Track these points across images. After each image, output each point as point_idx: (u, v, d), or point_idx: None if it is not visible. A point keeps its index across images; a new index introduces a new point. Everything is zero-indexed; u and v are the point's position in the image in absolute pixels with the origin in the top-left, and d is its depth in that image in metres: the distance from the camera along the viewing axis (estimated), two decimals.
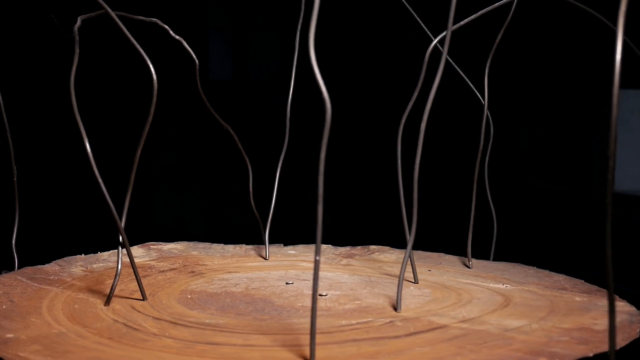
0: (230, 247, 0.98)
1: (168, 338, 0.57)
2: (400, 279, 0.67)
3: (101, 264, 0.84)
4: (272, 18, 1.91)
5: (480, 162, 0.84)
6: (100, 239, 1.03)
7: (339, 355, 0.54)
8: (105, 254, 0.90)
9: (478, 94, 0.81)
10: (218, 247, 0.98)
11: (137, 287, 0.69)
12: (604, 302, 0.71)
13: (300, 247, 0.99)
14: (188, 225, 2.06)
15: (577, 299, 0.73)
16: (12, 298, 0.68)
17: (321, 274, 0.82)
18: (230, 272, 0.83)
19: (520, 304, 0.70)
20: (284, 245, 1.00)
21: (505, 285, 0.78)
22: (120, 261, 0.68)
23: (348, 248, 0.98)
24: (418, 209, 0.68)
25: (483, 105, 0.80)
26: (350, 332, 0.60)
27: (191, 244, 0.98)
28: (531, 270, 0.86)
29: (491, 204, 0.88)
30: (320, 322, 0.62)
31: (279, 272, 0.84)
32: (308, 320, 0.58)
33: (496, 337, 0.58)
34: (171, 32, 0.76)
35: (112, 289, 0.66)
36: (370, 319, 0.63)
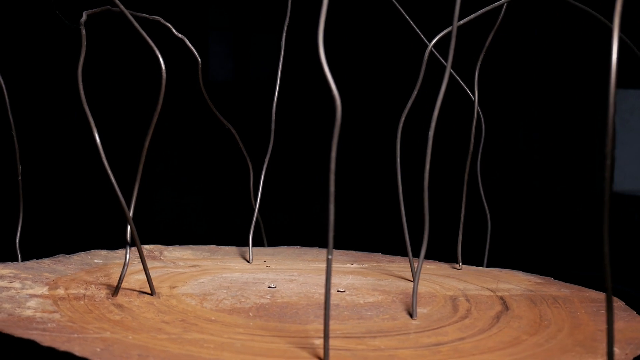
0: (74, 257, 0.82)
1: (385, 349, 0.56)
2: (415, 285, 0.66)
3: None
4: (272, 18, 1.91)
5: (472, 162, 0.85)
6: (100, 238, 1.03)
7: (509, 339, 0.59)
8: None
9: (469, 92, 0.81)
10: (48, 263, 0.78)
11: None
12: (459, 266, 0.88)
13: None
14: (189, 225, 2.06)
15: (431, 266, 0.88)
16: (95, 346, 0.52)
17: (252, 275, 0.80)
18: (173, 286, 0.72)
19: (456, 276, 0.83)
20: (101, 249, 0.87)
21: (355, 265, 0.88)
22: (128, 252, 0.68)
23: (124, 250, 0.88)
24: (416, 212, 0.68)
25: (473, 103, 0.80)
26: (473, 316, 0.66)
27: (22, 263, 0.77)
28: (314, 250, 0.96)
29: (485, 203, 0.88)
30: (435, 315, 0.66)
31: (205, 277, 0.77)
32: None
33: (563, 299, 0.73)
34: (174, 30, 0.76)
35: (120, 279, 0.66)
36: (438, 303, 0.69)
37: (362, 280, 0.79)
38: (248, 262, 0.87)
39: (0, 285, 0.67)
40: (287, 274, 0.81)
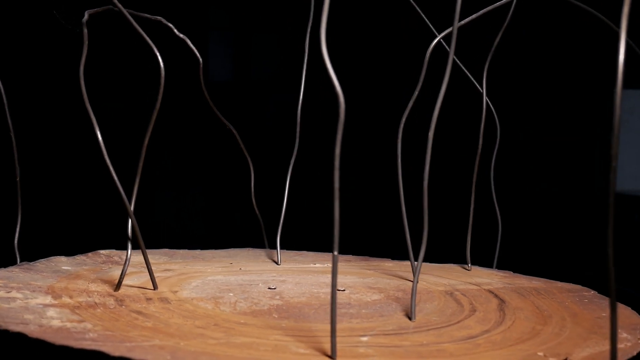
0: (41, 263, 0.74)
1: (444, 343, 0.56)
2: (414, 288, 0.65)
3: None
4: (272, 18, 1.91)
5: (486, 164, 0.84)
6: (99, 238, 1.03)
7: (528, 330, 0.63)
8: None
9: (478, 86, 0.81)
10: (18, 271, 0.71)
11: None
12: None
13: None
14: (189, 226, 2.06)
15: (389, 264, 0.90)
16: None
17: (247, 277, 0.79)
18: (174, 291, 0.69)
19: (429, 272, 0.85)
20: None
21: (318, 264, 0.87)
22: (129, 248, 0.68)
23: (81, 257, 0.84)
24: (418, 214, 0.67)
25: (483, 106, 0.80)
26: (479, 309, 0.68)
27: None
28: (266, 251, 0.95)
29: (496, 206, 0.88)
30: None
31: (195, 281, 0.74)
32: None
33: (544, 291, 0.76)
34: (175, 30, 0.76)
35: (122, 274, 0.66)
36: (439, 299, 0.71)
37: (350, 280, 0.79)
38: (277, 264, 0.87)
39: (0, 296, 0.62)
40: (268, 275, 0.80)
